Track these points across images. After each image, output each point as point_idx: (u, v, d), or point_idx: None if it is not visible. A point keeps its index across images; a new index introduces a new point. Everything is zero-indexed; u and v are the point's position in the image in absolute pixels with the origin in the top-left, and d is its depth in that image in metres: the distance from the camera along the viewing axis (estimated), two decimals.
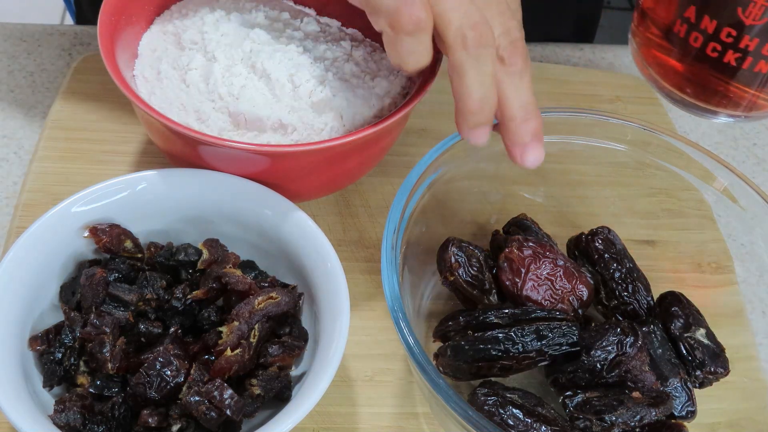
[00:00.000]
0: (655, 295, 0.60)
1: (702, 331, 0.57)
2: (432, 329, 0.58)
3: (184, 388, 0.50)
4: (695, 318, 0.57)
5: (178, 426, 0.50)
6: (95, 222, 0.55)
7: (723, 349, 0.57)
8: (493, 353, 0.52)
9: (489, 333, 0.53)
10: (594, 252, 0.60)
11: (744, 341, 0.59)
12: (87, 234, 0.55)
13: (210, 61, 0.59)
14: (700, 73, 0.51)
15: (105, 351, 0.50)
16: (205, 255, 0.56)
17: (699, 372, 0.56)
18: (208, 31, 0.61)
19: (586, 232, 0.61)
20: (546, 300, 0.57)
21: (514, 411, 0.50)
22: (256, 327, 0.52)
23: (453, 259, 0.57)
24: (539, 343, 0.52)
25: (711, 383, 0.57)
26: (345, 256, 0.62)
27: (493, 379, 0.54)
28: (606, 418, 0.50)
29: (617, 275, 0.59)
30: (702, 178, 0.61)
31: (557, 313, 0.55)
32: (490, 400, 0.50)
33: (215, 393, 0.49)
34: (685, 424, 0.53)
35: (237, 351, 0.51)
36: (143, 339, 0.53)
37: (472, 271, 0.57)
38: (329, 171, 0.59)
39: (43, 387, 0.51)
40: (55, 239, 0.54)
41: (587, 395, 0.52)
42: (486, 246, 0.62)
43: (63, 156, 0.66)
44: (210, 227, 0.58)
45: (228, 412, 0.49)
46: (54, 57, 0.75)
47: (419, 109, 0.63)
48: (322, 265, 0.54)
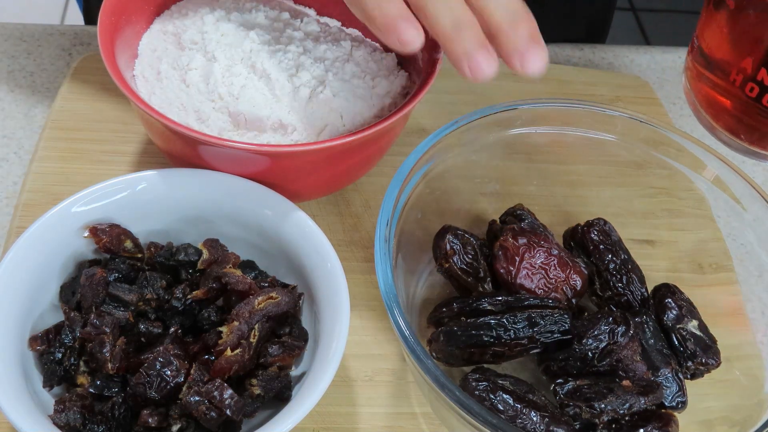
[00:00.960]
0: None
1: (694, 323, 0.57)
2: (426, 316, 0.58)
3: (184, 388, 0.50)
4: (688, 310, 0.58)
5: (178, 426, 0.50)
6: (95, 222, 0.55)
7: (715, 341, 0.57)
8: (485, 339, 0.53)
9: (481, 319, 0.53)
10: (589, 243, 0.61)
11: (743, 340, 0.60)
12: (87, 234, 0.55)
13: (210, 61, 0.59)
14: (753, 120, 0.52)
15: (105, 351, 0.50)
16: (205, 255, 0.56)
17: (690, 363, 0.56)
18: (208, 31, 0.61)
19: (582, 223, 0.62)
20: (540, 289, 0.57)
21: (504, 396, 0.50)
22: (256, 327, 0.52)
23: (448, 247, 0.57)
24: (531, 330, 0.53)
25: (702, 374, 0.57)
26: (345, 256, 0.62)
27: (486, 366, 0.54)
28: (595, 405, 0.51)
29: (612, 266, 0.60)
30: (698, 171, 0.61)
31: (550, 301, 0.55)
32: (481, 385, 0.51)
33: (215, 393, 0.49)
34: (677, 415, 0.53)
35: (237, 351, 0.51)
36: (143, 339, 0.53)
37: (467, 259, 0.57)
38: (329, 171, 0.59)
39: (43, 387, 0.52)
40: (55, 239, 0.54)
41: (578, 383, 0.52)
42: (482, 236, 0.62)
43: (63, 156, 0.66)
44: (210, 227, 0.58)
45: (228, 412, 0.49)
46: (54, 57, 0.75)
47: (419, 109, 0.63)
48: (322, 265, 0.54)
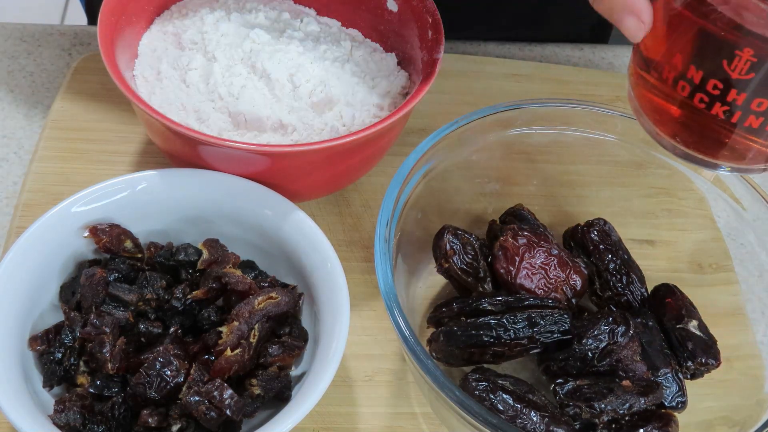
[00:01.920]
0: None
1: (694, 323, 0.57)
2: (426, 316, 0.58)
3: (184, 388, 0.50)
4: (688, 310, 0.58)
5: (178, 426, 0.50)
6: (95, 222, 0.55)
7: (715, 341, 0.57)
8: (485, 339, 0.53)
9: (481, 319, 0.53)
10: (589, 243, 0.61)
11: (743, 340, 0.60)
12: (87, 234, 0.55)
13: (210, 61, 0.59)
14: (689, 122, 0.48)
15: (105, 351, 0.50)
16: (205, 255, 0.56)
17: (690, 363, 0.56)
18: (208, 31, 0.61)
19: (582, 223, 0.62)
20: (539, 289, 0.57)
21: (504, 396, 0.50)
22: (256, 327, 0.52)
23: (448, 247, 0.57)
24: (531, 330, 0.53)
25: (702, 375, 0.57)
26: (345, 256, 0.62)
27: (486, 366, 0.54)
28: (595, 405, 0.51)
29: (612, 266, 0.60)
30: (697, 171, 0.61)
31: (550, 301, 0.55)
32: (480, 385, 0.51)
33: (215, 393, 0.49)
34: (677, 415, 0.54)
35: (237, 351, 0.51)
36: (143, 339, 0.53)
37: (467, 259, 0.57)
38: (329, 171, 0.59)
39: (43, 387, 0.52)
40: (55, 239, 0.54)
41: (578, 383, 0.52)
42: (482, 236, 0.62)
43: (63, 156, 0.66)
44: (210, 227, 0.58)
45: (228, 412, 0.49)
46: (54, 57, 0.75)
47: (419, 109, 0.63)
48: (322, 265, 0.54)
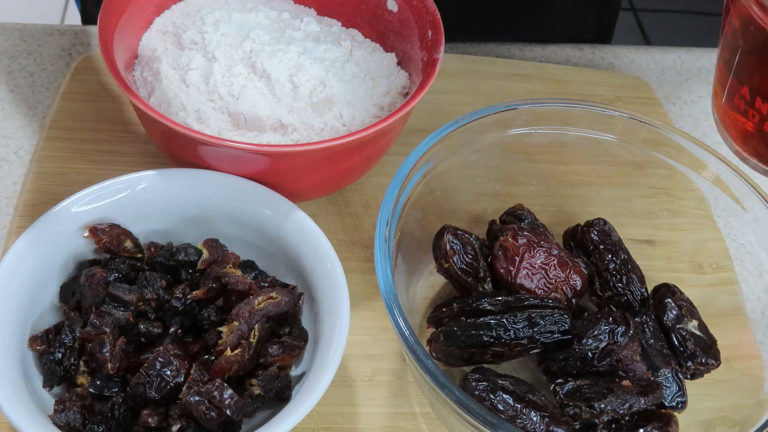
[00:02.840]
0: None
1: (694, 323, 0.57)
2: (426, 316, 0.58)
3: (184, 388, 0.50)
4: (688, 310, 0.58)
5: (178, 426, 0.50)
6: (95, 222, 0.55)
7: (715, 341, 0.57)
8: (485, 339, 0.53)
9: (481, 319, 0.53)
10: (589, 243, 0.61)
11: (743, 340, 0.60)
12: (87, 234, 0.55)
13: (210, 61, 0.59)
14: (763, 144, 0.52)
15: (105, 351, 0.50)
16: (205, 255, 0.56)
17: (690, 363, 0.56)
18: (208, 31, 0.61)
19: (582, 223, 0.62)
20: (539, 289, 0.57)
21: (504, 396, 0.50)
22: (256, 327, 0.52)
23: (448, 247, 0.57)
24: (531, 330, 0.53)
25: (702, 375, 0.57)
26: (345, 256, 0.62)
27: (486, 366, 0.54)
28: (595, 405, 0.51)
29: (612, 266, 0.60)
30: (697, 171, 0.61)
31: (550, 301, 0.55)
32: (480, 385, 0.51)
33: (215, 393, 0.49)
34: (677, 415, 0.54)
35: (237, 351, 0.51)
36: (143, 339, 0.53)
37: (467, 259, 0.57)
38: (329, 171, 0.59)
39: (43, 387, 0.52)
40: (55, 239, 0.54)
41: (578, 383, 0.52)
42: (482, 236, 0.62)
43: (63, 156, 0.66)
44: (210, 227, 0.58)
45: (228, 412, 0.49)
46: (54, 57, 0.75)
47: (419, 109, 0.63)
48: (322, 265, 0.54)
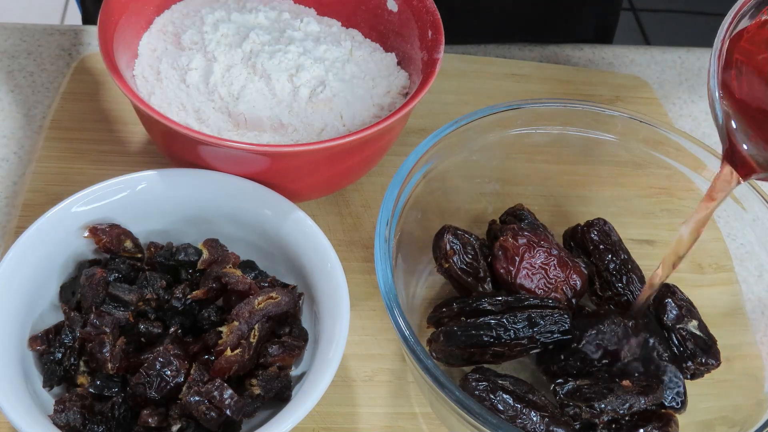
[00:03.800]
0: None
1: (694, 323, 0.57)
2: (426, 316, 0.58)
3: (184, 388, 0.50)
4: (688, 310, 0.58)
5: (178, 426, 0.50)
6: (95, 222, 0.55)
7: (715, 341, 0.57)
8: (485, 339, 0.53)
9: (481, 319, 0.53)
10: (589, 243, 0.61)
11: (743, 340, 0.60)
12: (87, 234, 0.55)
13: (210, 62, 0.59)
14: None
15: (105, 351, 0.50)
16: (205, 255, 0.56)
17: (690, 363, 0.56)
18: (208, 31, 0.61)
19: (582, 223, 0.62)
20: (539, 289, 0.57)
21: (504, 396, 0.51)
22: (256, 327, 0.52)
23: (448, 247, 0.57)
24: (531, 331, 0.53)
25: (702, 375, 0.57)
26: (345, 256, 0.62)
27: (486, 366, 0.54)
28: (595, 405, 0.51)
29: (612, 266, 0.60)
30: (697, 171, 0.61)
31: (550, 301, 0.55)
32: (480, 385, 0.51)
33: (215, 393, 0.49)
34: (677, 415, 0.54)
35: (237, 351, 0.51)
36: (143, 339, 0.53)
37: (467, 259, 0.57)
38: (329, 171, 0.59)
39: (43, 387, 0.52)
40: (55, 239, 0.54)
41: (578, 383, 0.52)
42: (482, 236, 0.62)
43: (63, 156, 0.66)
44: (210, 227, 0.58)
45: (228, 412, 0.49)
46: (54, 57, 0.75)
47: (419, 109, 0.63)
48: (322, 265, 0.54)
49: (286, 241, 0.56)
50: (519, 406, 0.50)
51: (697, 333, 0.57)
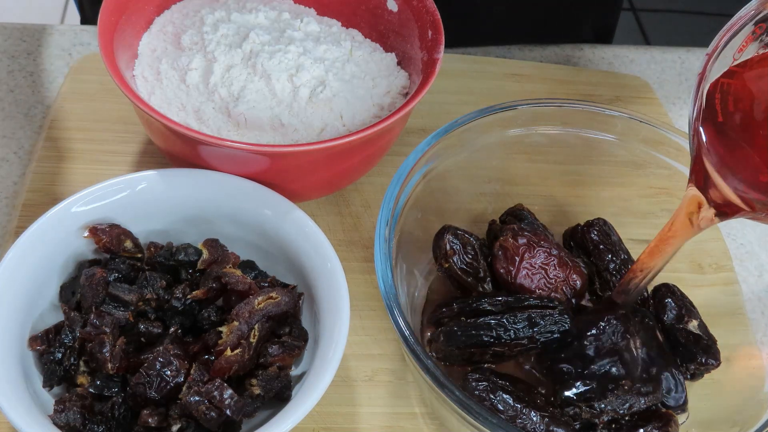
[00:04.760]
0: None
1: (694, 323, 0.57)
2: (426, 316, 0.58)
3: (184, 388, 0.50)
4: (688, 310, 0.58)
5: (178, 426, 0.50)
6: (95, 222, 0.55)
7: (715, 341, 0.57)
8: (485, 339, 0.53)
9: (481, 319, 0.53)
10: (589, 243, 0.61)
11: (743, 340, 0.60)
12: (87, 234, 0.55)
13: (210, 62, 0.59)
14: None
15: (105, 351, 0.50)
16: (205, 255, 0.56)
17: (690, 363, 0.56)
18: (208, 32, 0.61)
19: (582, 223, 0.62)
20: (539, 288, 0.57)
21: (504, 396, 0.51)
22: (256, 327, 0.52)
23: (448, 247, 0.57)
24: (531, 330, 0.53)
25: (702, 375, 0.57)
26: (345, 256, 0.62)
27: (486, 366, 0.54)
28: (595, 405, 0.51)
29: (612, 266, 0.60)
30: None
31: (550, 302, 0.55)
32: (480, 385, 0.51)
33: (215, 393, 0.49)
34: (677, 415, 0.54)
35: (237, 351, 0.51)
36: (143, 339, 0.53)
37: (467, 259, 0.57)
38: (329, 171, 0.59)
39: (43, 387, 0.52)
40: (55, 239, 0.54)
41: (578, 383, 0.52)
42: (481, 236, 0.62)
43: (63, 156, 0.66)
44: (210, 227, 0.58)
45: (228, 412, 0.49)
46: (54, 57, 0.75)
47: (419, 109, 0.63)
48: (322, 265, 0.54)
49: (286, 241, 0.56)
50: (519, 406, 0.50)
51: (697, 333, 0.57)
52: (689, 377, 0.57)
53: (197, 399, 0.49)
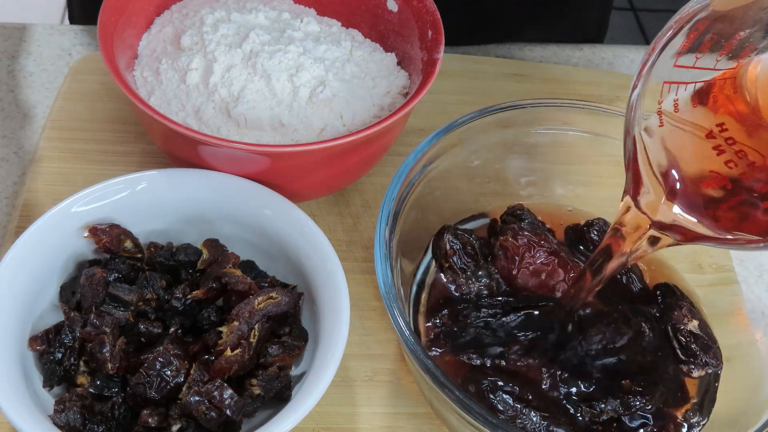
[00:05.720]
0: None
1: (694, 323, 0.57)
2: (426, 316, 0.58)
3: (184, 388, 0.50)
4: (689, 309, 0.58)
5: (178, 426, 0.50)
6: (95, 222, 0.55)
7: (715, 341, 0.57)
8: (485, 339, 0.52)
9: (481, 319, 0.53)
10: (589, 242, 0.61)
11: (743, 340, 0.59)
12: (87, 234, 0.55)
13: (210, 62, 0.59)
14: None
15: (105, 351, 0.50)
16: (205, 255, 0.56)
17: (690, 363, 0.56)
18: (208, 32, 0.61)
19: (582, 223, 0.62)
20: (540, 288, 0.57)
21: (504, 396, 0.51)
22: (256, 327, 0.52)
23: (448, 246, 0.57)
24: (531, 331, 0.53)
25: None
26: (345, 256, 0.62)
27: (486, 367, 0.54)
28: (595, 405, 0.51)
29: None
30: None
31: (550, 302, 0.55)
32: (480, 385, 0.51)
33: (215, 393, 0.49)
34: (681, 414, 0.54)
35: (237, 351, 0.51)
36: (143, 339, 0.53)
37: (467, 259, 0.57)
38: (329, 171, 0.59)
39: (43, 387, 0.52)
40: (55, 239, 0.54)
41: (578, 383, 0.52)
42: (481, 235, 0.62)
43: (63, 156, 0.66)
44: (210, 227, 0.58)
45: (228, 412, 0.49)
46: (54, 57, 0.75)
47: (419, 109, 0.63)
48: (322, 265, 0.54)
49: (286, 241, 0.56)
50: (519, 406, 0.51)
51: (697, 333, 0.57)
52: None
53: (197, 399, 0.49)
